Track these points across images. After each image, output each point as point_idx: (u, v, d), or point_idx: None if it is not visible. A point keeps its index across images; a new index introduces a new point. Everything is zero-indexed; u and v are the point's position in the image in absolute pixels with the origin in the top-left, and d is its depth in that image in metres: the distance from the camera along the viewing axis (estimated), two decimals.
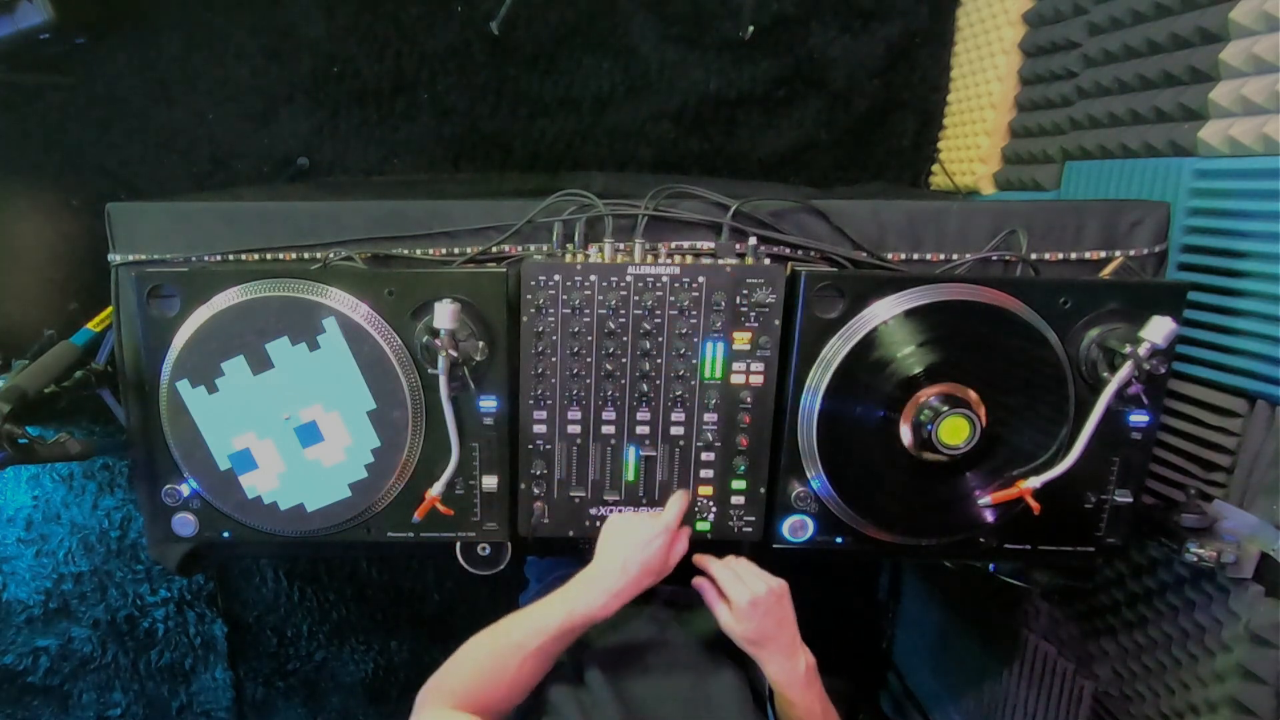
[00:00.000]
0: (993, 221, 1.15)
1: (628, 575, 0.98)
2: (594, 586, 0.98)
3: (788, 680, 1.00)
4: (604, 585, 0.98)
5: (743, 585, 1.02)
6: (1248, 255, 1.14)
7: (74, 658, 2.29)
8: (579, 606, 0.96)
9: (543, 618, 0.96)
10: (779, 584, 1.03)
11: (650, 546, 1.00)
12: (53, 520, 2.17)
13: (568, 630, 0.96)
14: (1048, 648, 1.60)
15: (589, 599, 0.97)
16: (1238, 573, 1.12)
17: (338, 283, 1.05)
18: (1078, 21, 1.57)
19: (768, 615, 1.00)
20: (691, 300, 1.06)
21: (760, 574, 1.04)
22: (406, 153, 2.05)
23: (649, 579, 1.00)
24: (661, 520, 1.03)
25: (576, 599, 0.97)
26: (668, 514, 1.05)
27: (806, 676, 1.00)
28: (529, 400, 1.10)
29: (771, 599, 1.01)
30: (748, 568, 1.05)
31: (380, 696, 2.44)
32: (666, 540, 1.01)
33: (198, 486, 1.10)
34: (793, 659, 1.00)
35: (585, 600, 0.97)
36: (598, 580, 0.99)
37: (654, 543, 1.00)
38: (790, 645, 1.01)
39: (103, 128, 1.95)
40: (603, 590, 0.97)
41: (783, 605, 1.02)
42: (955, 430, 0.99)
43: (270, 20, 1.94)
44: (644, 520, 1.04)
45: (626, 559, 0.99)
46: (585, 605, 0.96)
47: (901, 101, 2.12)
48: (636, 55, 2.03)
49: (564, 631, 0.96)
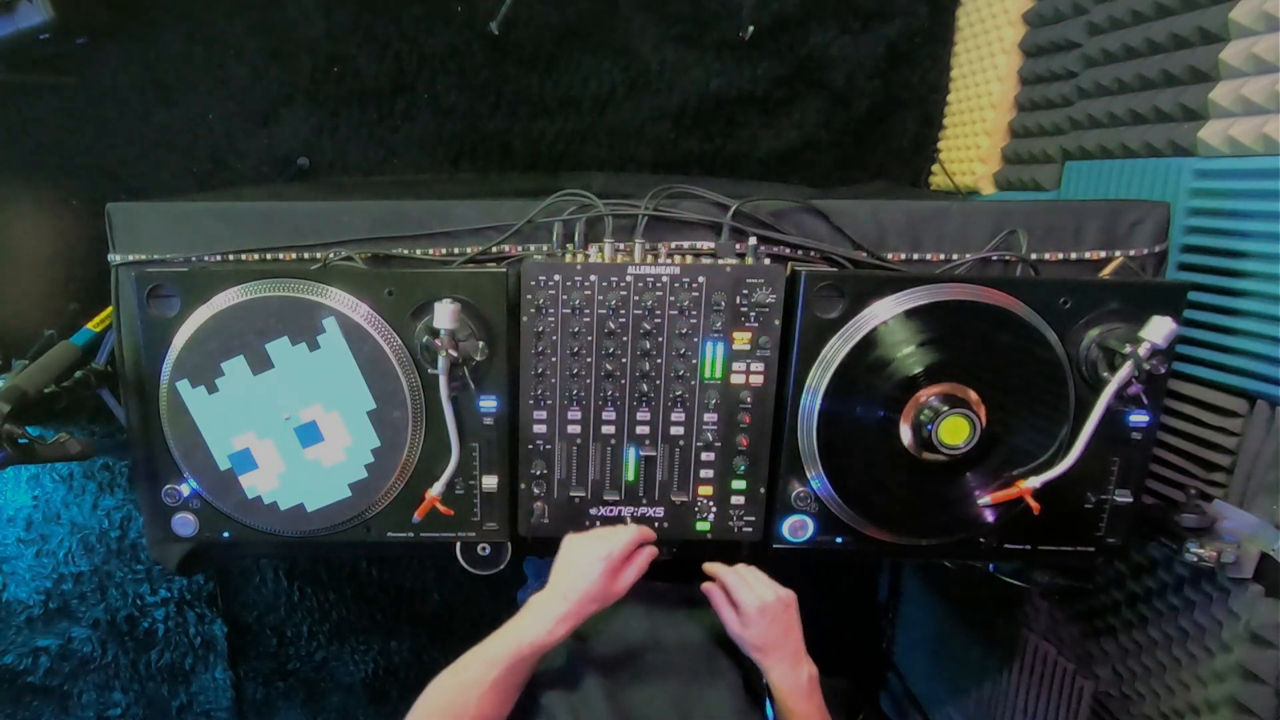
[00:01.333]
0: (993, 221, 1.15)
1: (568, 602, 0.97)
2: (540, 614, 0.97)
3: (790, 689, 1.00)
4: (549, 611, 0.97)
5: (751, 592, 1.03)
6: (1248, 255, 1.14)
7: (74, 658, 2.29)
8: (526, 635, 0.96)
9: (494, 650, 0.96)
10: (787, 593, 1.04)
11: (589, 574, 0.99)
12: (53, 520, 2.17)
13: (519, 661, 0.95)
14: (1048, 648, 1.60)
15: (535, 627, 0.96)
16: (1238, 573, 1.12)
17: (338, 283, 1.05)
18: (1078, 21, 1.57)
19: (775, 622, 1.01)
20: (691, 300, 1.06)
21: (769, 582, 1.05)
22: (406, 153, 2.05)
23: (592, 605, 0.98)
24: (604, 548, 1.01)
25: (524, 628, 0.97)
26: (612, 542, 1.02)
27: (808, 687, 1.01)
28: (529, 400, 1.10)
29: (779, 606, 1.02)
30: (758, 576, 1.06)
31: (380, 696, 2.44)
32: (606, 569, 0.99)
33: (198, 486, 1.10)
34: (796, 668, 1.01)
35: (532, 629, 0.96)
36: (543, 606, 0.98)
37: (592, 570, 0.99)
38: (795, 654, 1.02)
39: (103, 128, 1.94)
40: (548, 617, 0.97)
41: (790, 614, 1.03)
42: (955, 430, 0.99)
43: (270, 20, 1.94)
44: (591, 545, 1.02)
45: (568, 586, 0.99)
46: (532, 634, 0.96)
47: (901, 101, 2.12)
48: (636, 55, 2.03)
49: (516, 662, 0.95)
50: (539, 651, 0.96)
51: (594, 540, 1.03)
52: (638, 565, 1.03)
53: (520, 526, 1.15)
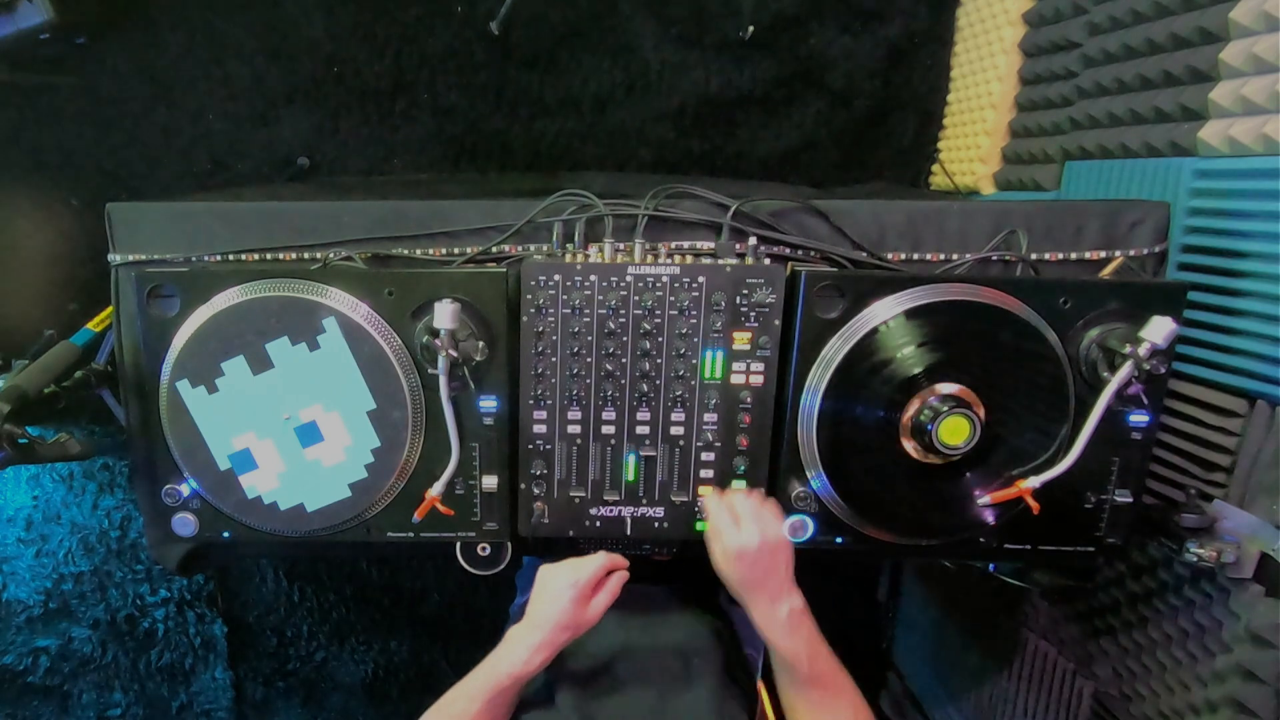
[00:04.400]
0: (993, 221, 1.15)
1: (541, 631, 0.98)
2: (517, 644, 0.99)
3: (765, 626, 0.97)
4: (525, 641, 0.99)
5: (735, 532, 1.00)
6: (1248, 255, 1.14)
7: (74, 658, 2.29)
8: (503, 666, 0.98)
9: (476, 684, 0.98)
10: (775, 537, 0.99)
11: (558, 603, 0.99)
12: (53, 520, 2.17)
13: (499, 692, 0.97)
14: (1048, 648, 1.60)
15: (512, 657, 0.98)
16: (1238, 573, 1.12)
17: (338, 283, 1.05)
18: (1078, 21, 1.57)
19: (754, 566, 0.98)
20: (691, 300, 1.06)
21: (759, 520, 1.00)
22: (406, 153, 2.05)
23: (564, 634, 0.99)
24: (571, 576, 1.01)
25: (501, 659, 0.99)
26: (580, 571, 1.01)
27: (789, 623, 0.96)
28: (529, 400, 1.10)
29: (762, 552, 0.98)
30: (748, 510, 1.01)
31: (380, 696, 2.44)
32: (575, 596, 0.99)
33: (198, 486, 1.10)
34: (775, 605, 0.97)
35: (509, 659, 0.98)
36: (520, 637, 1.00)
37: (561, 598, 0.99)
38: (775, 592, 0.97)
39: (103, 128, 1.95)
40: (524, 646, 0.98)
41: (774, 557, 0.98)
42: (955, 430, 0.99)
43: (270, 20, 1.94)
44: (559, 574, 1.02)
45: (540, 615, 1.00)
46: (509, 664, 0.98)
47: (901, 101, 2.12)
48: (636, 55, 2.03)
49: (496, 694, 0.97)
50: (518, 682, 0.98)
51: (563, 570, 1.03)
52: (609, 591, 1.03)
53: (520, 526, 1.15)
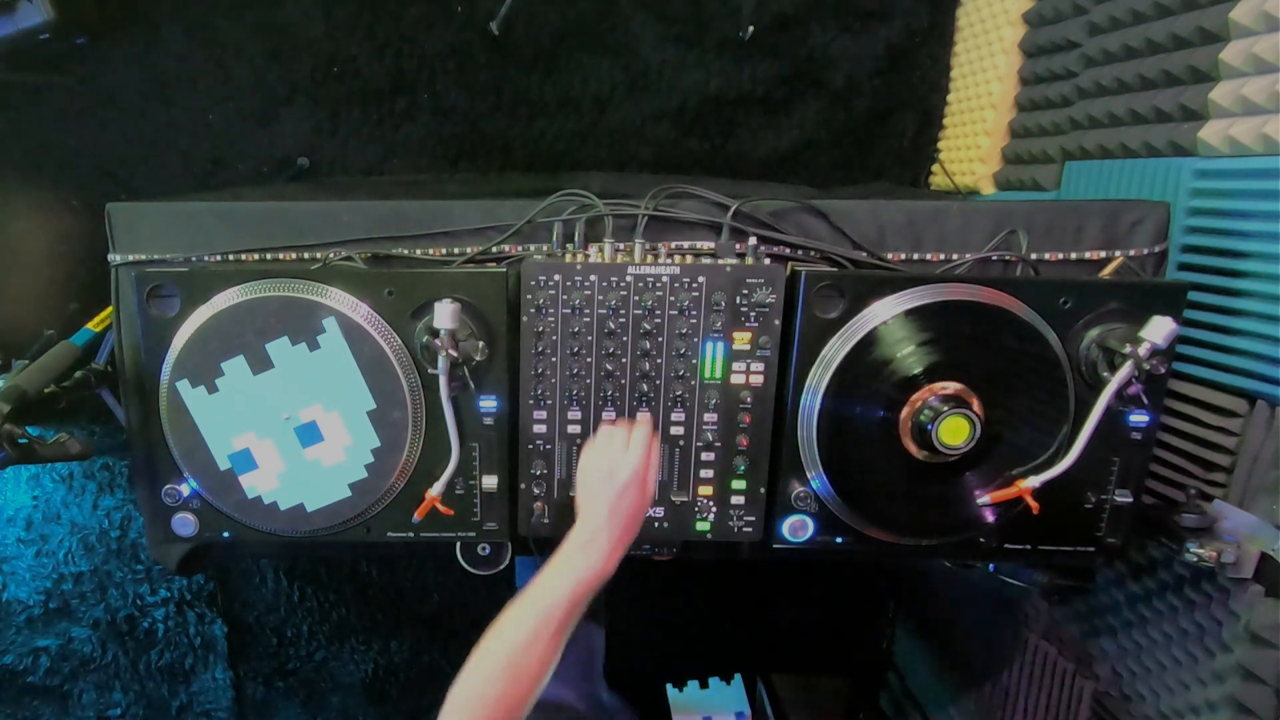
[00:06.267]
0: (993, 221, 1.15)
1: (621, 524, 0.95)
2: (593, 548, 0.93)
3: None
4: (602, 543, 0.93)
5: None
6: (1248, 255, 1.14)
7: (74, 658, 2.29)
8: (585, 574, 0.91)
9: (548, 599, 0.90)
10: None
11: (628, 494, 0.96)
12: (53, 520, 2.17)
13: (579, 600, 0.91)
14: (1048, 648, 1.60)
15: (591, 562, 0.92)
16: (1238, 573, 1.12)
17: (338, 283, 1.05)
18: (1078, 21, 1.57)
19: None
20: (691, 300, 1.06)
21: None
22: (406, 153, 2.05)
23: (640, 520, 0.98)
24: (633, 462, 0.98)
25: (580, 566, 0.92)
26: (635, 454, 0.98)
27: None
28: (529, 400, 1.10)
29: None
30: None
31: (380, 696, 2.44)
32: (640, 484, 0.98)
33: (198, 486, 1.10)
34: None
35: (589, 565, 0.92)
36: (595, 539, 0.94)
37: (630, 489, 0.97)
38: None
39: (103, 128, 1.95)
40: (602, 547, 0.93)
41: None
42: (955, 430, 0.99)
43: (270, 20, 1.94)
44: (617, 465, 0.98)
45: (613, 510, 0.95)
46: (590, 570, 0.92)
47: (901, 101, 2.12)
48: (636, 55, 2.03)
49: (576, 604, 0.91)
50: (598, 586, 0.93)
51: (613, 457, 0.99)
52: (655, 466, 1.01)
53: (520, 526, 1.15)
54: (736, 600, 2.39)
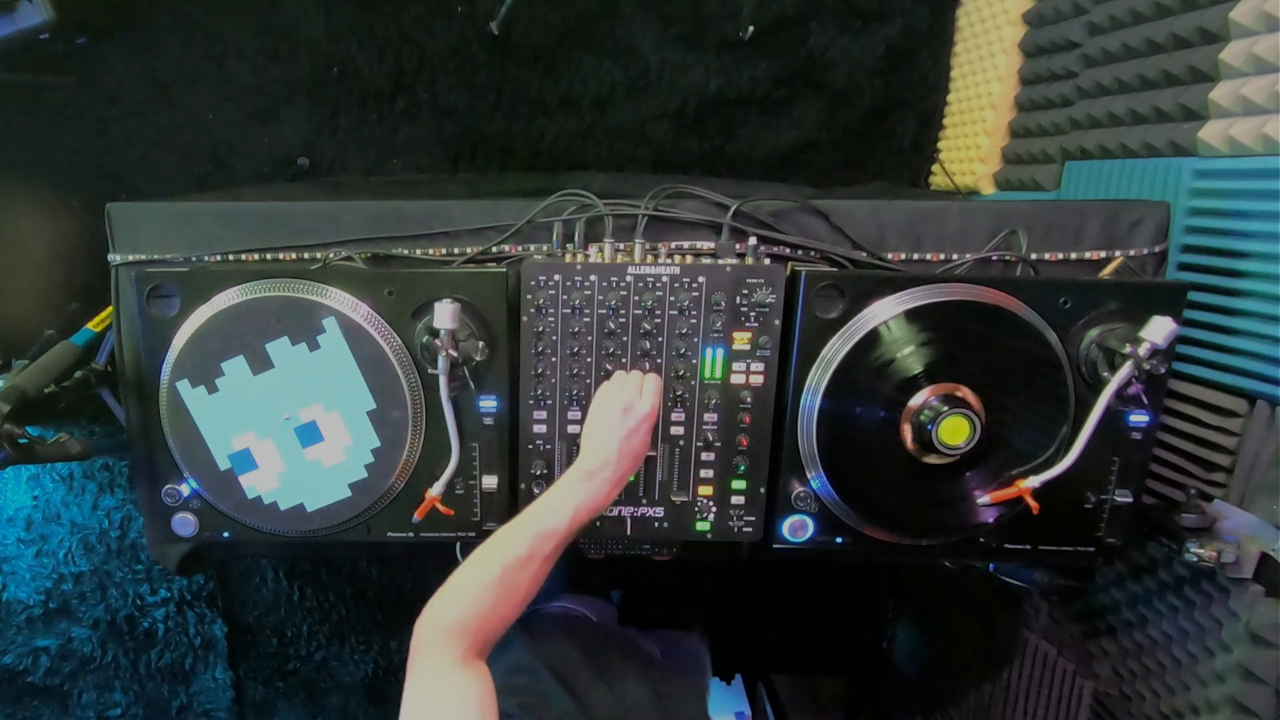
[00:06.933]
0: (993, 221, 1.15)
1: (628, 461, 0.99)
2: (599, 478, 0.97)
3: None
4: (608, 474, 0.97)
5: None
6: (1248, 255, 1.14)
7: (74, 658, 2.29)
8: (587, 500, 0.96)
9: (552, 518, 0.94)
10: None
11: (638, 434, 1.00)
12: (53, 520, 2.17)
13: (576, 528, 0.95)
14: (1048, 648, 1.60)
15: (594, 491, 0.96)
16: (1238, 573, 1.12)
17: (338, 283, 1.05)
18: (1078, 21, 1.57)
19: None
20: (691, 300, 1.06)
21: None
22: (406, 153, 2.05)
23: (640, 461, 1.02)
24: (647, 405, 1.01)
25: (584, 493, 0.96)
26: (649, 398, 1.02)
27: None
28: (529, 400, 1.10)
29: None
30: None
31: (380, 696, 2.44)
32: (649, 427, 1.02)
33: (198, 486, 1.10)
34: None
35: (592, 493, 0.96)
36: (602, 470, 0.97)
37: (641, 429, 1.00)
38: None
39: (103, 128, 1.95)
40: (607, 478, 0.97)
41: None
42: (955, 430, 0.99)
43: (270, 20, 1.94)
44: (633, 405, 1.01)
45: (622, 446, 0.99)
46: (592, 497, 0.96)
47: (901, 101, 2.12)
48: (636, 55, 2.03)
49: (573, 529, 0.95)
50: (594, 516, 0.97)
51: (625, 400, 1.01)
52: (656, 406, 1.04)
53: None
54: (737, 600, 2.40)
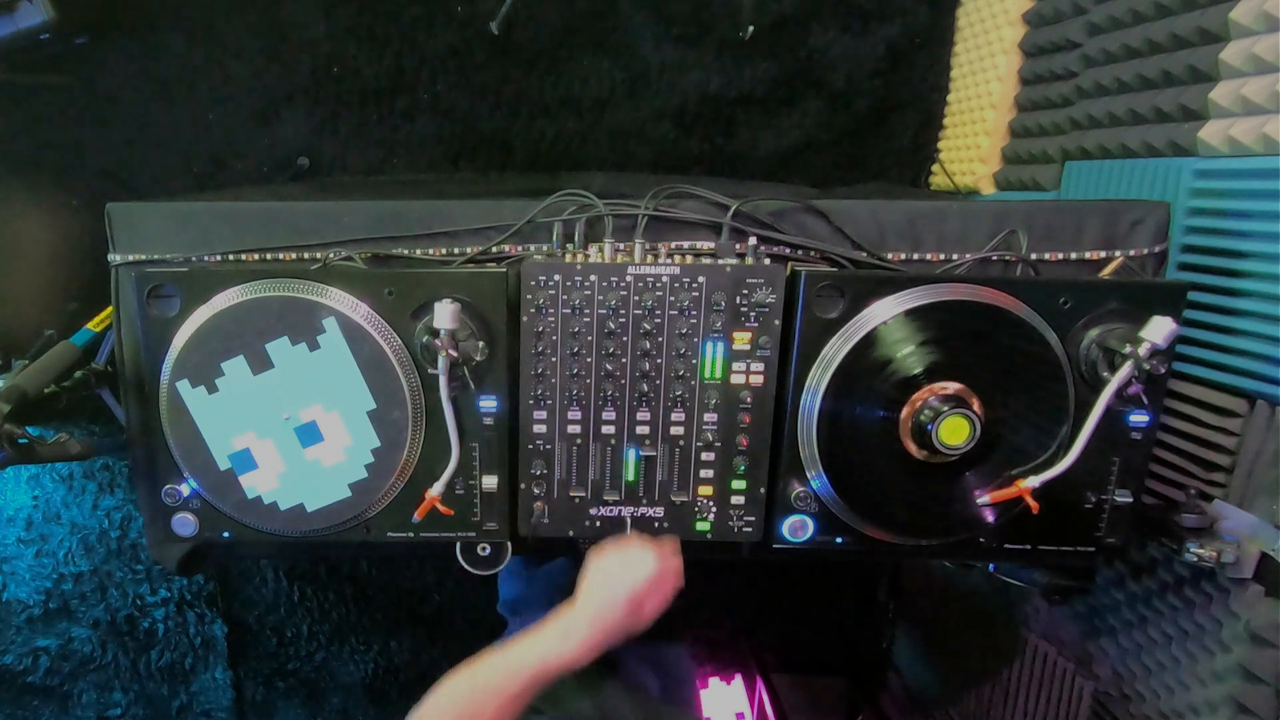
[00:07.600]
0: (993, 221, 1.15)
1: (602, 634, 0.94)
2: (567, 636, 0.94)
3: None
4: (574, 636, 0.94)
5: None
6: (1248, 255, 1.14)
7: (74, 658, 2.29)
8: (551, 656, 0.93)
9: (518, 662, 0.93)
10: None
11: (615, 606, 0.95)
12: (53, 520, 2.17)
13: (540, 677, 0.92)
14: (1048, 648, 1.60)
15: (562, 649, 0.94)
16: (1238, 573, 1.12)
17: (338, 283, 1.05)
18: (1078, 21, 1.57)
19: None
20: (691, 300, 1.06)
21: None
22: (406, 153, 2.05)
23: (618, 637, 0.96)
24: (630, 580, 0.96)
25: (550, 648, 0.94)
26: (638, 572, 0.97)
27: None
28: (529, 400, 1.10)
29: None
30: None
31: (380, 696, 2.44)
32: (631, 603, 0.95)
33: (198, 486, 1.10)
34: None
35: (558, 650, 0.94)
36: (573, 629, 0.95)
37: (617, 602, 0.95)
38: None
39: (103, 128, 1.95)
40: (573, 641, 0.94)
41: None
42: (955, 430, 0.99)
43: (270, 20, 1.94)
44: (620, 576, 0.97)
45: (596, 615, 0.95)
46: (558, 656, 0.93)
47: (901, 101, 2.12)
48: (636, 55, 2.03)
49: (538, 678, 0.92)
50: (563, 673, 0.94)
51: (621, 570, 0.98)
52: (664, 594, 0.99)
53: (520, 526, 1.15)
54: (736, 600, 2.40)
